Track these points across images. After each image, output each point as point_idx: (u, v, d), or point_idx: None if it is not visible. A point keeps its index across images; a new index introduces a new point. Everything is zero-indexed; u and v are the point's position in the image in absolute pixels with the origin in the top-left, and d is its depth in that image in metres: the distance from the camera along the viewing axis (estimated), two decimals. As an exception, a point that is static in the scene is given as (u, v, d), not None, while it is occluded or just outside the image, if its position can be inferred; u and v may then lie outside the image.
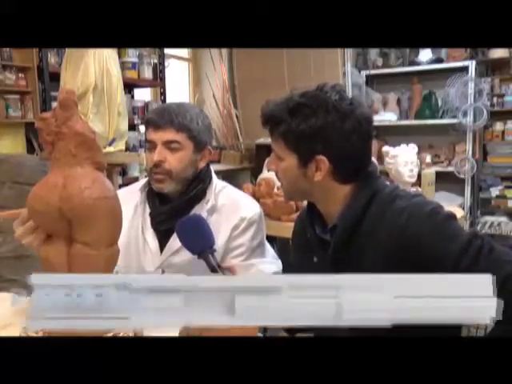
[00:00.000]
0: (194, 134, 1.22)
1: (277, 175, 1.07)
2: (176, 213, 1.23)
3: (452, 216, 0.95)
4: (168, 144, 1.20)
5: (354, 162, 1.00)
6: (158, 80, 3.60)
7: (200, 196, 1.26)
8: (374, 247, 0.96)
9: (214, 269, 1.07)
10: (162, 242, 1.26)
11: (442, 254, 0.89)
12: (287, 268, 1.32)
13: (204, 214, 1.21)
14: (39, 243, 0.89)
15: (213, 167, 1.39)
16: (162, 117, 1.19)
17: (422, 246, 0.91)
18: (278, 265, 1.34)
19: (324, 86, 1.00)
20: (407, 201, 0.97)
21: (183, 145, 1.21)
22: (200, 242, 1.09)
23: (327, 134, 0.96)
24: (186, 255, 1.21)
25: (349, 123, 0.96)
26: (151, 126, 1.21)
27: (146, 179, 1.33)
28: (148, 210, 1.29)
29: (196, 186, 1.26)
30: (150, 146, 1.22)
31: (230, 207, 1.26)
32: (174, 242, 1.23)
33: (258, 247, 1.28)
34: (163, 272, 1.25)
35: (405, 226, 0.93)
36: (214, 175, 1.34)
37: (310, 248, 1.10)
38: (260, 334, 0.98)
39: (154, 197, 1.28)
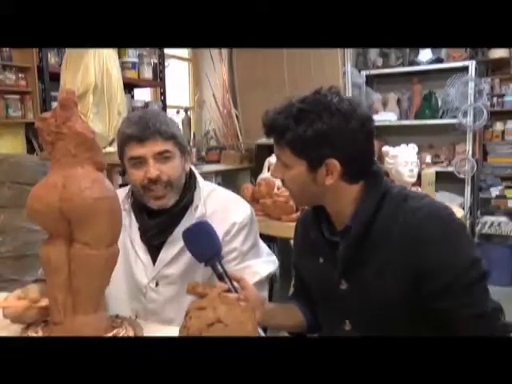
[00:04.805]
0: (179, 139, 1.19)
1: (283, 183, 1.05)
2: (167, 226, 1.21)
3: (465, 227, 0.97)
4: (159, 155, 1.15)
5: (362, 161, 1.00)
6: (158, 80, 3.60)
7: (188, 204, 1.23)
8: (384, 247, 0.96)
9: (221, 276, 1.05)
10: (154, 254, 1.24)
11: (447, 263, 0.91)
12: (289, 269, 1.32)
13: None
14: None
15: (213, 167, 1.37)
16: (146, 129, 1.13)
17: (432, 249, 0.91)
18: (274, 261, 1.33)
19: (321, 90, 0.99)
20: (420, 201, 0.97)
21: (173, 152, 1.17)
22: (207, 249, 1.08)
23: (335, 136, 0.95)
24: (178, 266, 1.21)
25: (353, 123, 0.95)
26: (134, 142, 1.14)
27: (128, 188, 1.28)
28: (134, 222, 1.25)
29: (185, 195, 1.23)
30: (138, 162, 1.16)
31: (220, 213, 1.23)
32: (166, 253, 1.22)
33: (252, 249, 1.26)
34: (157, 284, 1.24)
35: (419, 225, 0.93)
36: (199, 177, 1.30)
37: (315, 249, 1.09)
38: (261, 332, 0.98)
39: (140, 210, 1.24)
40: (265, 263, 1.28)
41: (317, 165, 0.97)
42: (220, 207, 1.25)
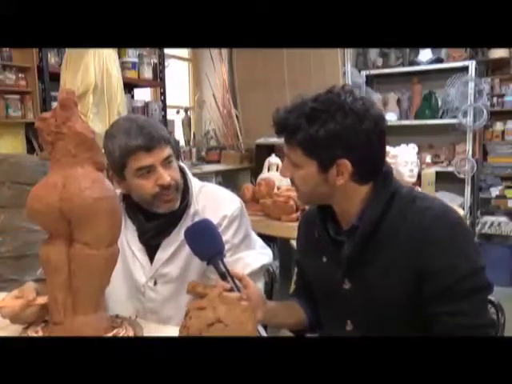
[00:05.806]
0: (172, 142, 1.22)
1: (292, 182, 1.04)
2: (164, 228, 1.22)
3: (472, 233, 0.96)
4: (165, 161, 1.17)
5: (374, 161, 0.99)
6: (158, 80, 3.60)
7: (184, 205, 1.24)
8: (390, 247, 0.95)
9: (224, 275, 1.04)
10: (151, 254, 1.25)
11: (450, 265, 0.90)
12: (289, 269, 1.32)
13: (189, 220, 1.19)
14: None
15: (213, 167, 1.38)
16: (152, 138, 1.14)
17: (436, 250, 0.91)
18: (268, 254, 1.33)
19: (334, 89, 0.97)
20: (429, 202, 0.97)
21: (173, 156, 1.20)
22: (209, 247, 1.07)
23: (348, 137, 0.93)
24: (176, 264, 1.22)
25: (366, 124, 0.94)
26: (142, 152, 1.13)
27: (119, 192, 1.26)
28: (130, 224, 1.26)
29: (185, 196, 1.24)
30: (146, 171, 1.15)
31: (210, 208, 1.24)
32: (163, 252, 1.23)
33: (243, 241, 1.27)
34: (155, 283, 1.24)
35: (426, 226, 0.92)
36: (189, 174, 1.31)
37: (319, 248, 1.08)
38: (262, 331, 0.98)
39: (136, 212, 1.25)
40: (258, 255, 1.29)
41: (328, 165, 0.96)
42: (210, 202, 1.26)
